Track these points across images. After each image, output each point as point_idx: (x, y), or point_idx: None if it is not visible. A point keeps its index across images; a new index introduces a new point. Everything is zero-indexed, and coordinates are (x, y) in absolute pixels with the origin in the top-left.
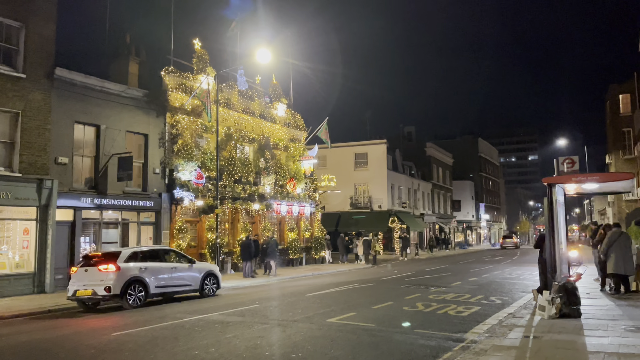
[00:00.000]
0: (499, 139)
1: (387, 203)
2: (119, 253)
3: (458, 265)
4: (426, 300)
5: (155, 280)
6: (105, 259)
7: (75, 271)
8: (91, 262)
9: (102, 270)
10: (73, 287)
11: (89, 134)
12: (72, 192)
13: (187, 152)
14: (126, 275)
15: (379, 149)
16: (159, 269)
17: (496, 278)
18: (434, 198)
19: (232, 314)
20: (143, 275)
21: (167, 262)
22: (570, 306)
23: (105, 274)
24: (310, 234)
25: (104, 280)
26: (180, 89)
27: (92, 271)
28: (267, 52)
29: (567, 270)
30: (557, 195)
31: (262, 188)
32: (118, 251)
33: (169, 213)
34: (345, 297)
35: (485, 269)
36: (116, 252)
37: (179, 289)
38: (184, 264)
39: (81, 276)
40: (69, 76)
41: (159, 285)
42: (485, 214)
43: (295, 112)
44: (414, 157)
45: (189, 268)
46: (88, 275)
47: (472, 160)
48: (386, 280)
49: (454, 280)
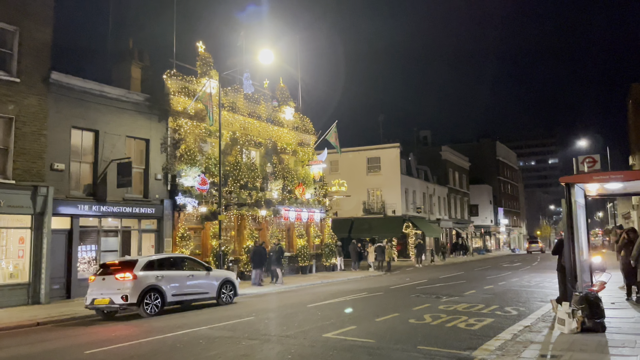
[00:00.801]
0: (518, 142)
1: (401, 208)
2: (135, 261)
3: (474, 272)
4: (435, 311)
5: (172, 288)
6: (122, 267)
7: (93, 280)
8: (108, 271)
9: (119, 279)
10: (91, 296)
11: (87, 140)
12: (70, 199)
13: (190, 158)
14: (143, 283)
15: (392, 153)
16: (176, 277)
17: (513, 286)
18: (450, 203)
19: (224, 327)
20: (160, 283)
21: (184, 270)
22: (593, 319)
23: (122, 282)
24: (321, 241)
25: (121, 288)
26: (182, 92)
27: (109, 280)
28: (270, 53)
29: (589, 278)
30: (576, 196)
31: (269, 194)
32: (135, 259)
33: (171, 220)
34: (349, 308)
35: (502, 276)
36: (133, 261)
37: (196, 297)
38: (201, 272)
39: (99, 285)
40: (66, 80)
41: (176, 294)
42: (504, 218)
43: (304, 115)
44: (429, 161)
45: (206, 276)
46: (106, 284)
47: (490, 164)
48: (396, 289)
49: (468, 289)
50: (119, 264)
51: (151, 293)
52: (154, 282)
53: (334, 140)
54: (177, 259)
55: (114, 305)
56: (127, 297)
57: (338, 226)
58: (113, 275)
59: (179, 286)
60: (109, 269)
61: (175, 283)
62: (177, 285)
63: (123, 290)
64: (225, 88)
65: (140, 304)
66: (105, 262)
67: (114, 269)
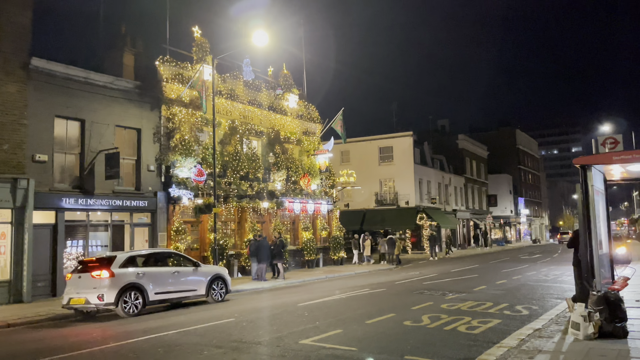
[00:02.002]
0: (540, 130)
1: (415, 199)
2: (114, 258)
3: (489, 264)
4: (436, 311)
5: (155, 286)
6: (99, 264)
7: (70, 277)
8: (85, 268)
9: (95, 276)
10: (68, 295)
11: (72, 129)
12: (54, 192)
13: (186, 148)
14: (121, 281)
15: (404, 142)
16: (160, 274)
17: (529, 280)
18: (467, 193)
19: (194, 332)
20: (141, 281)
21: (169, 266)
22: (613, 323)
23: (99, 280)
24: (328, 233)
25: (97, 287)
26: (177, 79)
27: (85, 278)
28: (265, 34)
29: (609, 274)
30: (593, 180)
31: (272, 185)
32: (113, 255)
33: (165, 213)
34: (342, 308)
35: (518, 269)
36: (111, 257)
37: (183, 295)
38: (188, 268)
39: (75, 283)
40: (47, 67)
41: (159, 292)
42: (525, 208)
43: (310, 103)
44: (445, 150)
45: (194, 272)
46: (82, 282)
47: (510, 153)
48: (401, 285)
49: (478, 284)
50: (97, 260)
51: (130, 292)
52: (133, 279)
53: (339, 127)
54: (161, 255)
55: (90, 305)
56: (103, 296)
57: (350, 218)
58: (89, 273)
59: (163, 284)
60: (87, 266)
61: (159, 281)
62: (160, 283)
63: (99, 289)
64: (223, 75)
65: (118, 303)
66: (83, 259)
67: (91, 266)
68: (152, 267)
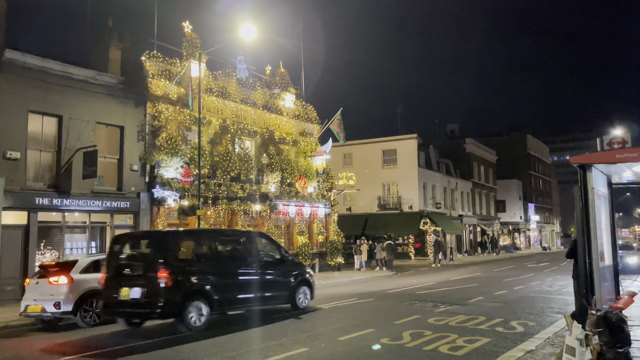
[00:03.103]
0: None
1: (419, 203)
2: (75, 262)
3: (492, 273)
4: (422, 326)
5: None
6: (59, 269)
7: (28, 283)
8: (44, 273)
9: (52, 282)
10: (25, 302)
11: (49, 126)
12: (26, 191)
13: (172, 147)
14: (81, 288)
15: (409, 145)
16: None
17: (531, 291)
18: (474, 198)
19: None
20: None
21: None
22: (614, 349)
23: (56, 287)
24: (325, 238)
25: (54, 294)
26: (164, 75)
27: (43, 284)
28: (253, 27)
29: (613, 289)
30: (594, 183)
31: (265, 187)
32: (75, 260)
33: (149, 215)
34: (318, 321)
35: (522, 278)
36: (73, 262)
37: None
38: None
39: (33, 289)
40: (21, 59)
41: None
42: (535, 215)
43: (307, 103)
44: (452, 154)
45: None
46: (39, 289)
47: (520, 158)
48: (391, 295)
49: (475, 295)
50: (57, 265)
51: (93, 299)
52: (96, 286)
53: (337, 128)
54: None
55: (46, 314)
56: (60, 304)
57: (351, 223)
58: (47, 279)
59: None
60: (46, 271)
61: None
62: None
63: (56, 296)
64: (215, 72)
65: (77, 312)
66: (43, 263)
67: (50, 270)
68: None
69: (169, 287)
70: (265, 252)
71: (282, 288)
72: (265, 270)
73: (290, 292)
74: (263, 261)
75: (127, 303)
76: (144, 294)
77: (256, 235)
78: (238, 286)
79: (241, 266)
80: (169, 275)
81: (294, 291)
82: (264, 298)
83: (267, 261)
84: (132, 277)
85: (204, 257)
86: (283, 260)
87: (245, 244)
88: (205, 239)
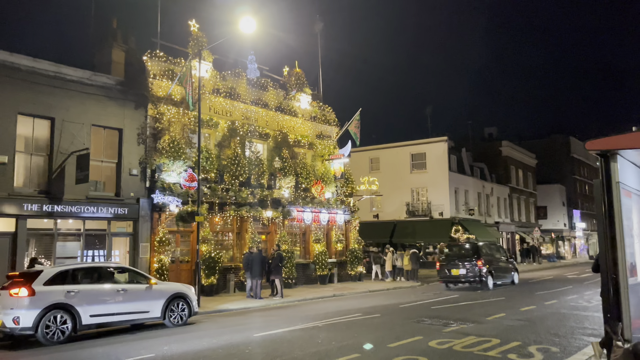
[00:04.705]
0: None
1: (450, 210)
2: (39, 273)
3: (525, 285)
4: (418, 351)
5: (91, 307)
6: (23, 280)
7: None
8: (8, 285)
9: (12, 295)
10: None
11: (40, 129)
12: (14, 197)
13: (175, 150)
14: (44, 301)
15: (439, 148)
16: (98, 293)
17: (564, 307)
18: (512, 204)
19: None
20: (71, 301)
21: (114, 283)
22: None
23: (16, 299)
24: (344, 246)
25: (14, 307)
26: (166, 75)
27: (4, 296)
28: (253, 20)
29: None
30: (619, 176)
31: (277, 192)
32: (39, 270)
33: (149, 222)
34: (303, 343)
35: (557, 291)
36: (37, 272)
37: (130, 318)
38: (139, 286)
39: None
40: (10, 59)
41: (97, 314)
42: (581, 222)
43: (325, 104)
44: (487, 158)
45: (146, 291)
46: (2, 301)
47: (563, 161)
48: (402, 309)
49: (497, 311)
50: (21, 275)
51: (56, 314)
52: (61, 299)
53: (354, 129)
54: (104, 270)
55: (6, 329)
56: (19, 319)
57: (379, 230)
58: (7, 291)
59: (102, 304)
60: (11, 282)
61: (97, 300)
62: (98, 304)
63: (16, 310)
64: (223, 72)
65: (38, 328)
66: (9, 273)
67: (16, 281)
68: (90, 284)
69: None
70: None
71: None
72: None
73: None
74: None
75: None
76: None
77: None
78: None
79: None
80: None
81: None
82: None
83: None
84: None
85: None
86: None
87: None
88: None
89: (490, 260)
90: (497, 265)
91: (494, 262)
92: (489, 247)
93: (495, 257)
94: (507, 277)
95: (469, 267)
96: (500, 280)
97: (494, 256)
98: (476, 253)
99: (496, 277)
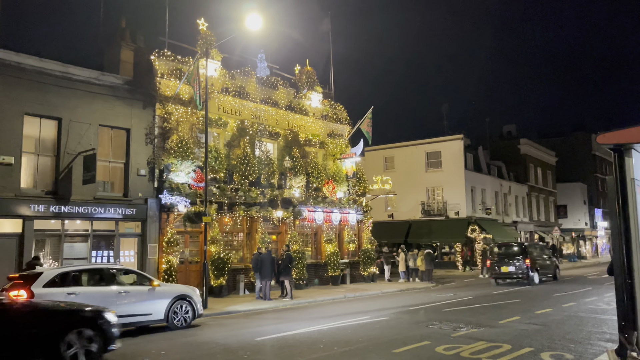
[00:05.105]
0: None
1: (466, 209)
2: (39, 275)
3: (543, 285)
4: (425, 358)
5: None
6: (23, 282)
7: None
8: (5, 287)
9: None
10: None
11: (47, 129)
12: (20, 198)
13: (183, 150)
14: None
15: (454, 146)
16: (99, 295)
17: (581, 310)
18: (531, 203)
19: None
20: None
21: (116, 285)
22: None
23: None
24: (357, 246)
25: None
26: (174, 75)
27: None
28: (259, 17)
29: None
30: (634, 171)
31: (288, 192)
32: (39, 272)
33: (157, 222)
34: (303, 347)
35: (576, 292)
36: (37, 274)
37: (132, 320)
38: (141, 287)
39: None
40: (16, 59)
41: None
42: (602, 221)
43: (336, 103)
44: (505, 156)
45: (149, 292)
46: None
47: (585, 159)
48: (412, 311)
49: (512, 313)
50: (21, 277)
51: None
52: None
53: (366, 127)
54: (106, 271)
55: None
56: None
57: (394, 230)
58: (7, 293)
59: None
60: (11, 284)
61: (97, 303)
62: None
63: None
64: (232, 71)
65: None
66: (9, 275)
67: (16, 283)
68: (91, 286)
69: None
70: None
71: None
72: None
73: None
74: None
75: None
76: None
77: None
78: None
79: None
80: None
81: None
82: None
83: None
84: None
85: None
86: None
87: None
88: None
89: (536, 259)
90: (543, 263)
91: (539, 260)
92: (534, 247)
93: (541, 256)
94: (549, 273)
95: (517, 265)
96: (544, 276)
97: (539, 255)
98: (524, 252)
99: (541, 273)
